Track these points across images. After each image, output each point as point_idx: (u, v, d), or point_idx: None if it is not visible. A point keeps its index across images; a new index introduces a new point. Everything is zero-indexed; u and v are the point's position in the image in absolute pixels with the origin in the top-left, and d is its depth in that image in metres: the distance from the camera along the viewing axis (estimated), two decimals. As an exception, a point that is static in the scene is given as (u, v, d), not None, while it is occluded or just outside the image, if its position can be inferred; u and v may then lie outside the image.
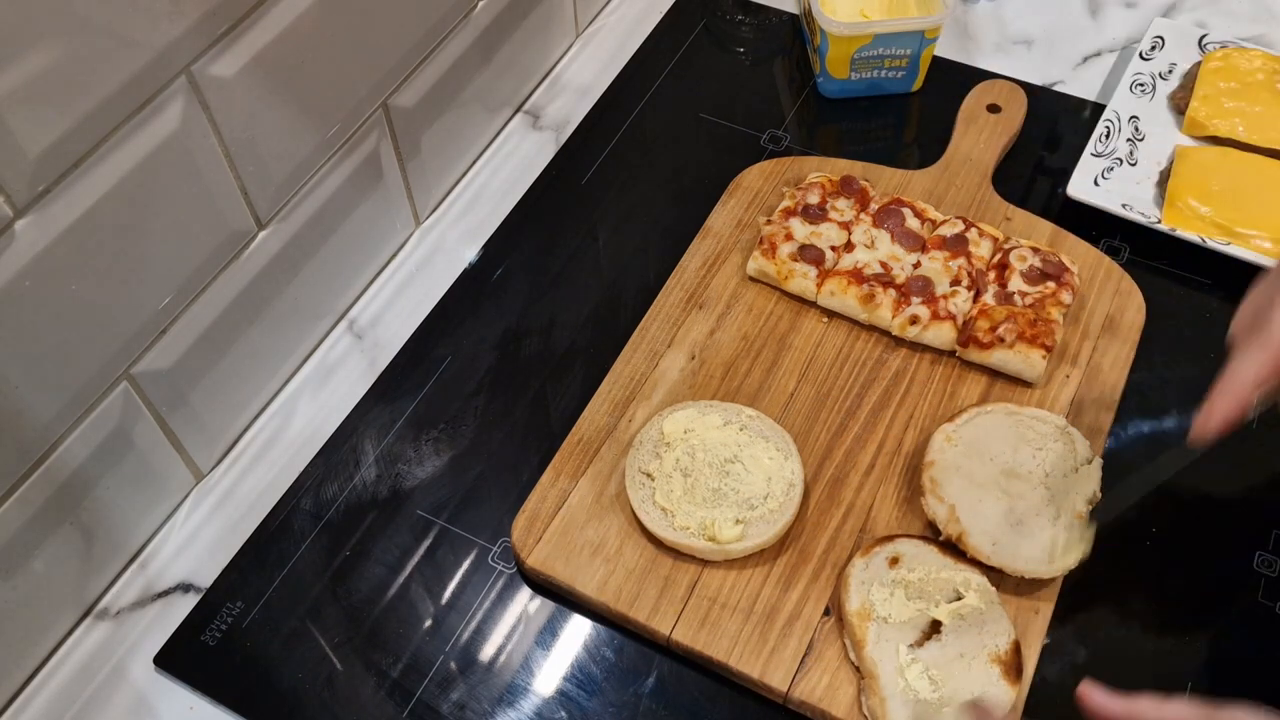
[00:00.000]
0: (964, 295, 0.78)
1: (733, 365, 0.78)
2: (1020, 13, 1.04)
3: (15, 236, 0.56)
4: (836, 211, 0.83)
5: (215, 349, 0.73)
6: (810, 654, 0.65)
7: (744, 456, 0.71)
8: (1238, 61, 0.92)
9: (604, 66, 1.01)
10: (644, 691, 0.66)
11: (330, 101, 0.75)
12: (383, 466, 0.76)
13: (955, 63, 0.99)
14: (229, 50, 0.65)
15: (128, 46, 0.58)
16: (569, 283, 0.86)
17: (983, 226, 0.82)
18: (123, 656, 0.69)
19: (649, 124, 0.96)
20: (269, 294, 0.76)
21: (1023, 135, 0.93)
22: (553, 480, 0.73)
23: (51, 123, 0.56)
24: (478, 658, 0.68)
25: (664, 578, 0.68)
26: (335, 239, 0.81)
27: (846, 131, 0.96)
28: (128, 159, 0.61)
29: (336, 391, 0.81)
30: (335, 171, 0.78)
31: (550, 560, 0.69)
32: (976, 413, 0.73)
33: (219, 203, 0.69)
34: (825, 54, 0.94)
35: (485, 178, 0.94)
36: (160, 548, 0.74)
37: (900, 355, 0.79)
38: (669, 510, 0.69)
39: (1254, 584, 0.69)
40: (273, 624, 0.69)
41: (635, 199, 0.91)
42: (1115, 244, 0.86)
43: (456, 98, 0.88)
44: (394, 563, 0.72)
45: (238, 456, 0.78)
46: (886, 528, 0.70)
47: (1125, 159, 0.89)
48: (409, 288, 0.87)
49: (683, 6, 1.06)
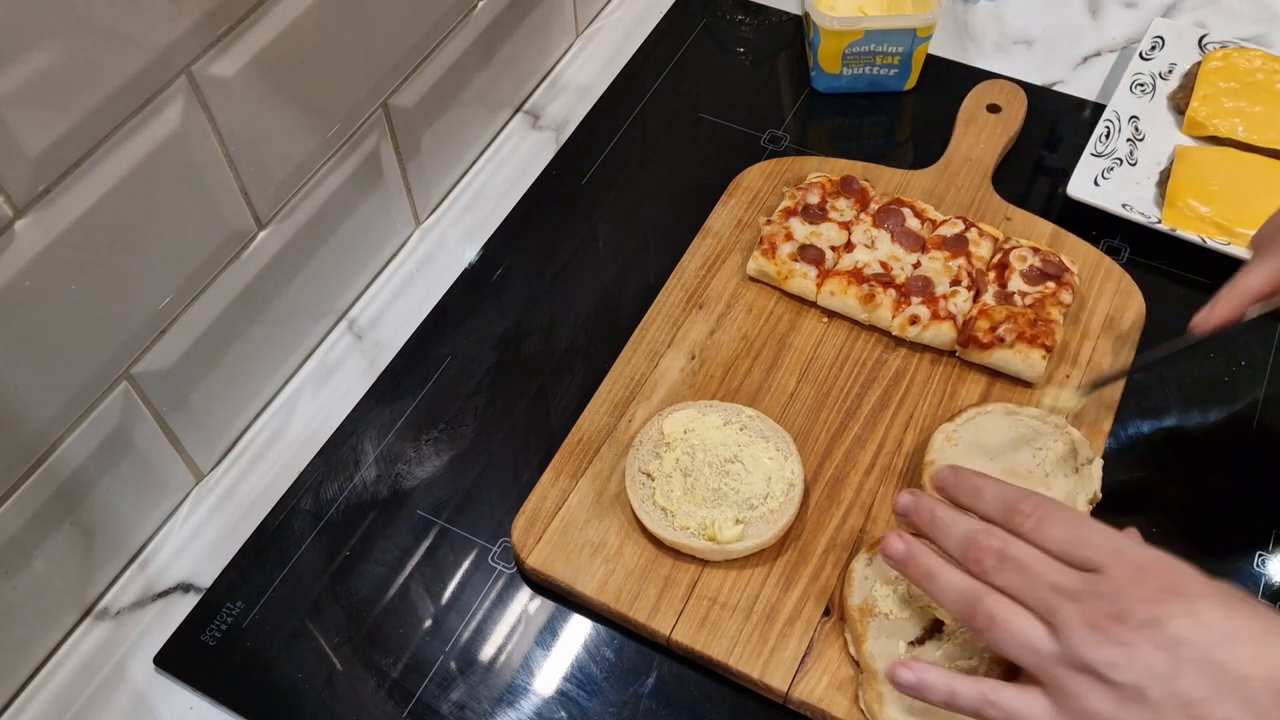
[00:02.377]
0: (964, 295, 0.78)
1: (733, 365, 0.78)
2: (1020, 13, 1.04)
3: (15, 236, 0.56)
4: (836, 211, 0.83)
5: (215, 349, 0.73)
6: (810, 654, 0.65)
7: (744, 456, 0.71)
8: (1238, 61, 0.92)
9: (604, 66, 1.01)
10: (644, 691, 0.66)
11: (330, 101, 0.75)
12: (383, 466, 0.76)
13: (955, 62, 0.99)
14: (229, 50, 0.65)
15: (128, 46, 0.58)
16: (569, 283, 0.86)
17: (983, 226, 0.82)
18: (123, 656, 0.69)
19: (649, 124, 0.96)
20: (269, 294, 0.76)
21: (1023, 135, 0.93)
22: (553, 480, 0.73)
23: (51, 123, 0.56)
24: (478, 658, 0.68)
25: (664, 578, 0.68)
26: (335, 239, 0.81)
27: (846, 131, 0.96)
28: (128, 159, 0.61)
29: (336, 391, 0.81)
30: (335, 171, 0.78)
31: (550, 560, 0.69)
32: (976, 413, 0.73)
33: (219, 203, 0.69)
34: (818, 48, 0.94)
35: (485, 178, 0.94)
36: (160, 548, 0.74)
37: (900, 355, 0.79)
38: (669, 510, 0.69)
39: (1254, 584, 0.69)
40: (273, 624, 0.69)
41: (635, 199, 0.91)
42: (1115, 244, 0.86)
43: (456, 98, 0.88)
44: (394, 563, 0.72)
45: (238, 456, 0.78)
46: (887, 528, 0.70)
47: (1125, 159, 0.89)
48: (409, 288, 0.87)
49: (683, 6, 1.06)
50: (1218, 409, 0.74)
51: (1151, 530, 0.71)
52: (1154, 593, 0.52)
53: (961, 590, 0.56)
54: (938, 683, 0.56)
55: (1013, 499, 0.57)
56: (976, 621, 0.55)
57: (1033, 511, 0.56)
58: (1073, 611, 0.52)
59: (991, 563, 0.56)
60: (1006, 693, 0.54)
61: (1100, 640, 0.51)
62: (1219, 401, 0.77)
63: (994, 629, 0.54)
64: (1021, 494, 0.58)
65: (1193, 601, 0.51)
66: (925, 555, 0.59)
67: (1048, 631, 0.53)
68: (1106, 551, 0.53)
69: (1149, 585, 0.52)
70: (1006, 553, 0.55)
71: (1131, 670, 0.50)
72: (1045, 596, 0.53)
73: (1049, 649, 0.53)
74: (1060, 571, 0.54)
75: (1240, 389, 0.78)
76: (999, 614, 0.54)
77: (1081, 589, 0.53)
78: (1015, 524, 0.56)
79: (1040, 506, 0.56)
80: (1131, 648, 0.51)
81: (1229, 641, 0.50)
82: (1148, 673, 0.50)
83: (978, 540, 0.56)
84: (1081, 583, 0.53)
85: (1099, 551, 0.54)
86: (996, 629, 0.54)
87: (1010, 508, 0.57)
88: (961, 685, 0.55)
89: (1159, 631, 0.51)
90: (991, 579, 0.55)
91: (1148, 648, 0.50)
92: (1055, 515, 0.56)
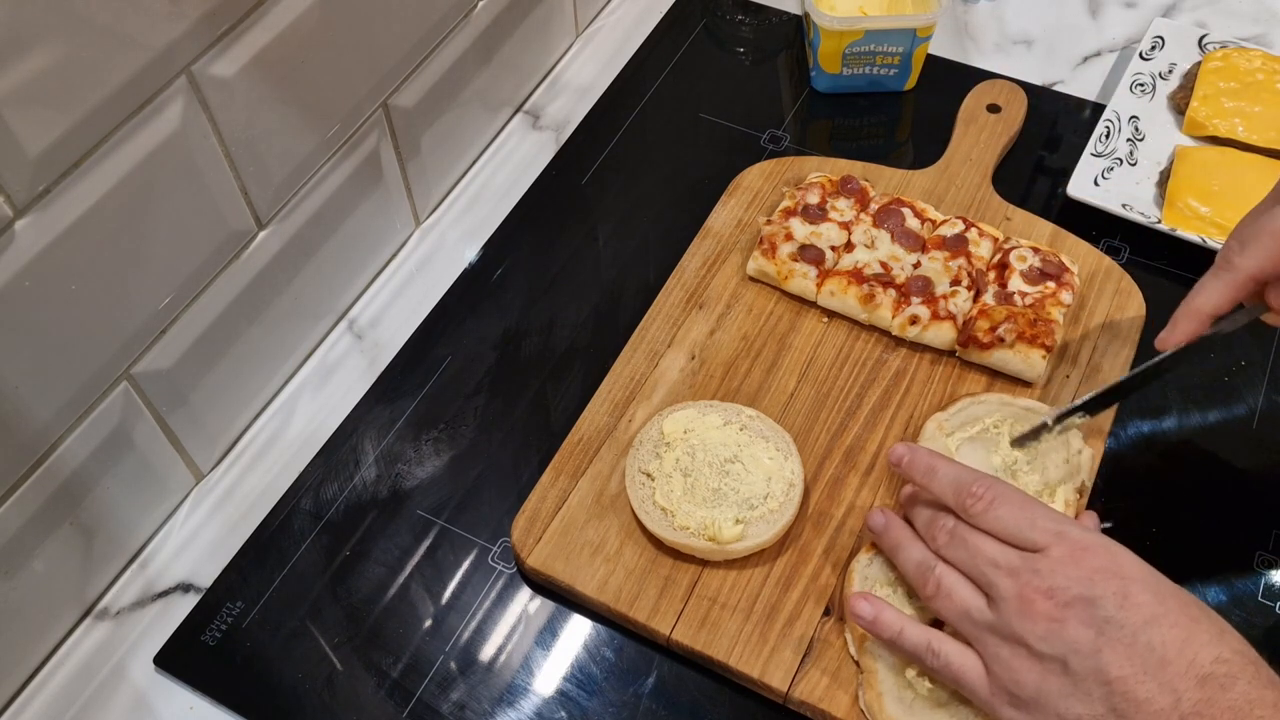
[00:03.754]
0: (964, 295, 0.78)
1: (733, 365, 0.78)
2: (1020, 13, 1.04)
3: (15, 236, 0.56)
4: (836, 211, 0.83)
5: (215, 349, 0.73)
6: (810, 654, 0.65)
7: (744, 456, 0.71)
8: (1238, 61, 0.92)
9: (604, 66, 1.01)
10: (644, 691, 0.66)
11: (330, 101, 0.75)
12: (383, 466, 0.76)
13: (955, 62, 0.99)
14: (229, 50, 0.65)
15: (128, 46, 0.58)
16: (569, 283, 0.86)
17: (983, 226, 0.82)
18: (123, 656, 0.69)
19: (649, 124, 0.96)
20: (269, 294, 0.76)
21: (1023, 135, 0.93)
22: (553, 480, 0.73)
23: (51, 123, 0.56)
24: (478, 658, 0.68)
25: (664, 578, 0.68)
26: (335, 239, 0.81)
27: (846, 131, 0.96)
28: (128, 159, 0.61)
29: (336, 391, 0.81)
30: (335, 171, 0.78)
31: (550, 560, 0.69)
32: (970, 402, 0.73)
33: (219, 203, 0.69)
34: (818, 48, 0.94)
35: (485, 178, 0.94)
36: (160, 548, 0.74)
37: (900, 355, 0.79)
38: (669, 510, 0.69)
39: (1254, 584, 0.69)
40: (273, 624, 0.69)
41: (635, 199, 0.91)
42: (1115, 244, 0.86)
43: (456, 98, 0.88)
44: (394, 563, 0.72)
45: (238, 456, 0.78)
46: (886, 528, 0.70)
47: (1125, 159, 0.89)
48: (409, 288, 0.87)
49: (683, 6, 1.06)
50: (1218, 409, 0.74)
51: (1151, 530, 0.71)
52: (1089, 573, 0.55)
53: (919, 561, 0.61)
54: (891, 621, 0.61)
55: (965, 481, 0.61)
56: (926, 589, 0.60)
57: (983, 494, 0.59)
58: (1009, 586, 0.56)
59: (944, 539, 0.60)
60: (949, 645, 0.59)
61: (1030, 614, 0.55)
62: (1219, 401, 0.77)
63: (939, 597, 0.59)
64: (974, 476, 0.61)
65: (1126, 584, 0.54)
66: (898, 530, 0.64)
67: (986, 603, 0.57)
68: (1049, 533, 0.57)
69: (1085, 565, 0.55)
70: (957, 531, 0.60)
71: (1057, 644, 0.54)
72: (986, 571, 0.58)
73: (985, 619, 0.57)
74: (1003, 550, 0.58)
75: (1240, 389, 0.78)
76: (945, 584, 0.59)
77: (1020, 566, 0.56)
78: (966, 505, 0.60)
79: (991, 489, 0.59)
80: (1059, 623, 0.54)
81: (1155, 624, 0.53)
82: (1072, 647, 0.53)
83: (937, 518, 0.61)
84: (1021, 560, 0.57)
85: (1043, 533, 0.57)
86: (941, 597, 0.59)
87: (962, 489, 0.60)
88: (911, 628, 0.60)
89: (1088, 609, 0.54)
90: (944, 553, 0.60)
91: (1075, 624, 0.54)
92: (1005, 498, 0.59)
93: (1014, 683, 0.55)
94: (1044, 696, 0.54)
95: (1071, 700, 0.53)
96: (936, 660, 0.59)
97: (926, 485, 0.63)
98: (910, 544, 0.63)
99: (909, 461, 0.64)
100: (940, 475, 0.62)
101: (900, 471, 0.65)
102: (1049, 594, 0.55)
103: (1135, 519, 0.71)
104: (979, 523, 0.59)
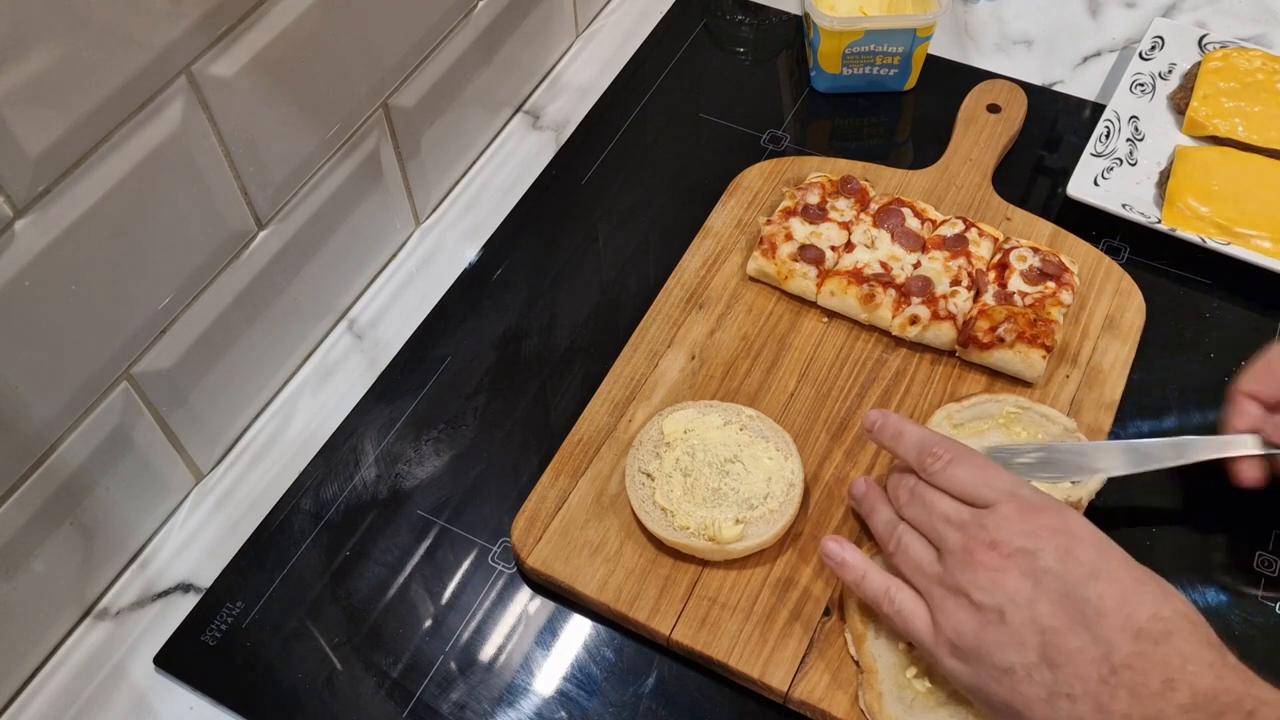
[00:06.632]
0: (964, 295, 0.78)
1: (733, 365, 0.78)
2: (1020, 13, 1.04)
3: (15, 236, 0.56)
4: (836, 211, 0.83)
5: (215, 349, 0.73)
6: (810, 654, 0.65)
7: (744, 456, 0.71)
8: (1238, 61, 0.92)
9: (604, 66, 1.01)
10: (644, 691, 0.66)
11: (330, 101, 0.75)
12: (383, 466, 0.76)
13: (955, 62, 0.99)
14: (229, 50, 0.65)
15: (128, 46, 0.58)
16: (569, 283, 0.86)
17: (983, 226, 0.82)
18: (123, 656, 0.69)
19: (649, 124, 0.96)
20: (269, 294, 0.76)
21: (1023, 135, 0.93)
22: (553, 480, 0.73)
23: (51, 123, 0.56)
24: (478, 658, 0.68)
25: (664, 578, 0.68)
26: (335, 239, 0.81)
27: (846, 131, 0.96)
28: (128, 159, 0.61)
29: (336, 391, 0.81)
30: (335, 171, 0.78)
31: (550, 560, 0.69)
32: (988, 399, 0.73)
33: (219, 203, 0.69)
34: (818, 48, 0.94)
35: (485, 178, 0.94)
36: (160, 548, 0.74)
37: (900, 355, 0.79)
38: (669, 510, 0.69)
39: (1254, 584, 0.69)
40: (273, 624, 0.69)
41: (635, 199, 0.91)
42: (1115, 244, 0.86)
43: (456, 98, 0.88)
44: (394, 563, 0.72)
45: (238, 456, 0.78)
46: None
47: (1125, 159, 0.89)
48: (409, 288, 0.87)
49: (683, 6, 1.06)
50: (1218, 409, 0.74)
51: (1152, 530, 0.71)
52: (1034, 528, 0.56)
53: (886, 521, 0.64)
54: (856, 564, 0.63)
55: (928, 442, 0.63)
56: (889, 546, 0.63)
57: (943, 454, 0.62)
58: (955, 538, 0.58)
59: (905, 498, 0.63)
60: (904, 594, 0.60)
61: (973, 564, 0.57)
62: (1219, 401, 0.76)
63: (898, 552, 0.62)
64: (937, 439, 0.63)
65: (1071, 540, 0.56)
66: (874, 495, 0.66)
67: (936, 556, 0.60)
68: (1002, 492, 0.59)
69: (1032, 522, 0.57)
70: (916, 490, 0.62)
71: (995, 594, 0.56)
72: (937, 525, 0.60)
73: (933, 570, 0.59)
74: (956, 506, 0.60)
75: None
76: (904, 541, 0.62)
77: (969, 521, 0.59)
78: (926, 465, 0.62)
79: (950, 450, 0.62)
80: (999, 573, 0.56)
81: (1094, 579, 0.54)
82: (1009, 597, 0.55)
83: (902, 480, 0.64)
84: (970, 516, 0.59)
85: (996, 492, 0.59)
86: (899, 553, 0.62)
87: (924, 450, 0.63)
88: (874, 574, 0.62)
89: (1028, 560, 0.55)
90: (904, 512, 0.63)
91: (1014, 575, 0.55)
92: (962, 458, 0.61)
93: (956, 633, 0.57)
94: (983, 646, 0.55)
95: (1008, 650, 0.54)
96: (891, 607, 0.60)
97: (894, 448, 0.65)
98: (882, 507, 0.65)
99: (880, 426, 0.66)
100: (906, 438, 0.64)
101: (871, 436, 0.67)
102: (992, 545, 0.57)
103: (1135, 519, 0.71)
104: (936, 480, 0.61)
